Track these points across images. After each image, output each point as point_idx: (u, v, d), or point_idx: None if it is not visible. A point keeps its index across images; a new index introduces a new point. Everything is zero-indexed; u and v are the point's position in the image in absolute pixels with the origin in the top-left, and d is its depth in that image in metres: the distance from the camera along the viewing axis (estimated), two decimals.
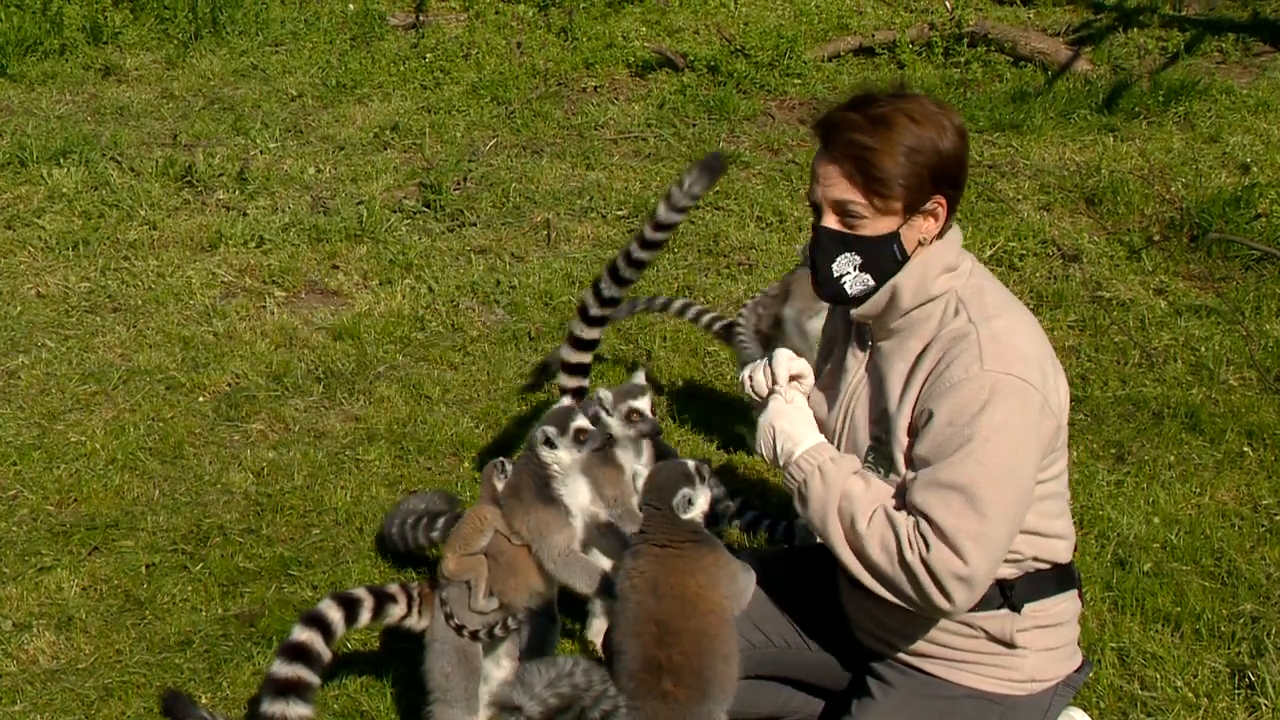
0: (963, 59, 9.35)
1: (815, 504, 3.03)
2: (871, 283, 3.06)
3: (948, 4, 9.90)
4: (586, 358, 4.49)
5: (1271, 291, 6.08)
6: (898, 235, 3.02)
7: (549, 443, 3.53)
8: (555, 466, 3.55)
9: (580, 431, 3.56)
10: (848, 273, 3.06)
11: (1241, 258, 6.41)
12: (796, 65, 9.28)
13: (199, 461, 5.22)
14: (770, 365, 3.29)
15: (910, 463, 3.00)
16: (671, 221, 4.16)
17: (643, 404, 3.89)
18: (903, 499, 2.98)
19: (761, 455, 3.19)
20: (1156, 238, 6.70)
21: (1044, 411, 2.94)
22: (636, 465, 3.93)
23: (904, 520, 2.92)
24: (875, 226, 3.01)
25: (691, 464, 3.27)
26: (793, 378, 3.31)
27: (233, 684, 4.02)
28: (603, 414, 3.85)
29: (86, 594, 4.49)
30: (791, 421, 3.15)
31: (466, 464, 5.16)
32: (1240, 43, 9.50)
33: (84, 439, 5.34)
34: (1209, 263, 6.43)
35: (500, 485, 3.64)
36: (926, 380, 2.99)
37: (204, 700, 3.91)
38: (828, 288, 3.11)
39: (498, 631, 3.60)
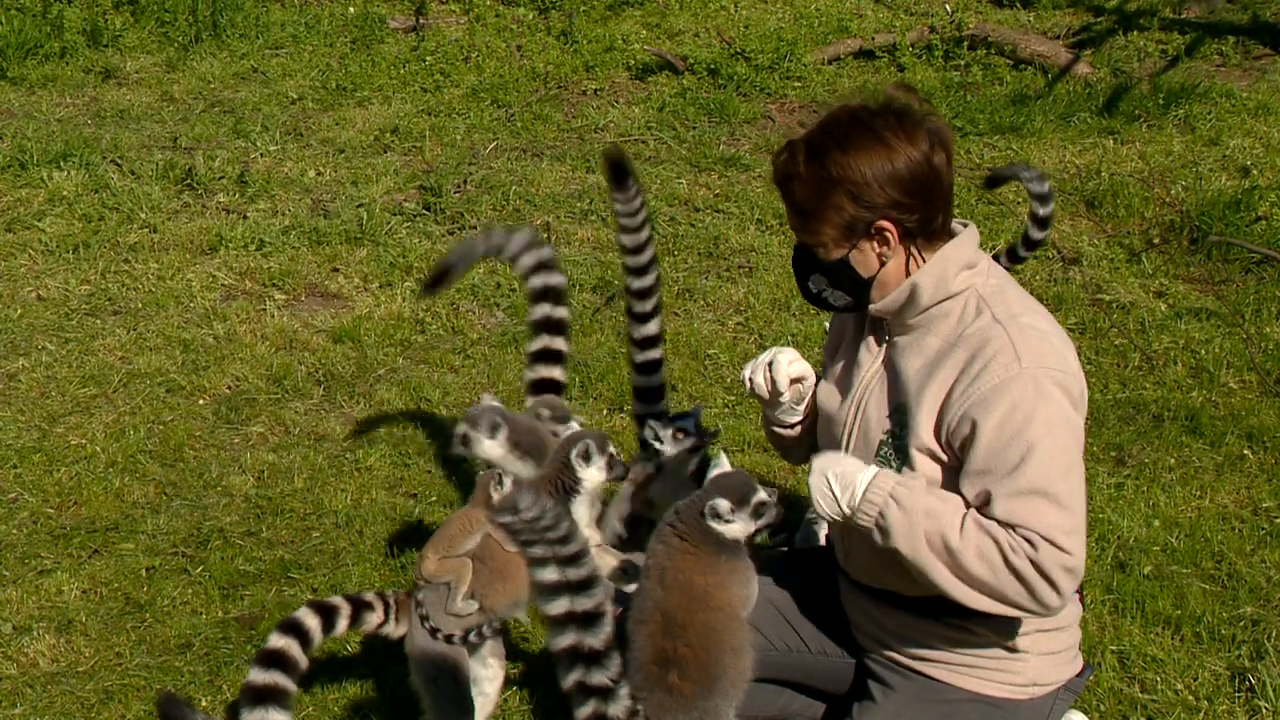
0: (963, 62, 9.36)
1: (898, 534, 2.93)
2: (848, 298, 3.13)
3: (948, 7, 9.91)
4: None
5: (1272, 294, 6.08)
6: (847, 260, 3.06)
7: (586, 457, 3.52)
8: (584, 484, 3.53)
9: (614, 459, 3.56)
10: (824, 289, 3.14)
11: (1241, 260, 6.42)
12: (796, 68, 9.29)
13: (199, 464, 5.22)
14: (770, 371, 3.30)
15: (967, 475, 2.96)
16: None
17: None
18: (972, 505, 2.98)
19: (824, 514, 3.05)
20: (1157, 240, 6.71)
21: (1080, 400, 2.97)
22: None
23: (994, 523, 2.89)
24: (827, 253, 3.08)
25: (761, 491, 3.18)
26: (793, 381, 3.32)
27: (233, 687, 4.01)
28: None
29: (87, 597, 4.48)
30: (841, 464, 3.04)
31: (466, 466, 5.16)
32: (1240, 46, 9.52)
33: (84, 442, 5.34)
34: (1209, 265, 6.43)
35: (496, 495, 3.62)
36: (957, 381, 2.98)
37: (204, 704, 3.91)
38: (813, 300, 3.20)
39: (473, 638, 3.55)
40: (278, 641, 3.34)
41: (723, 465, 3.60)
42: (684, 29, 10.40)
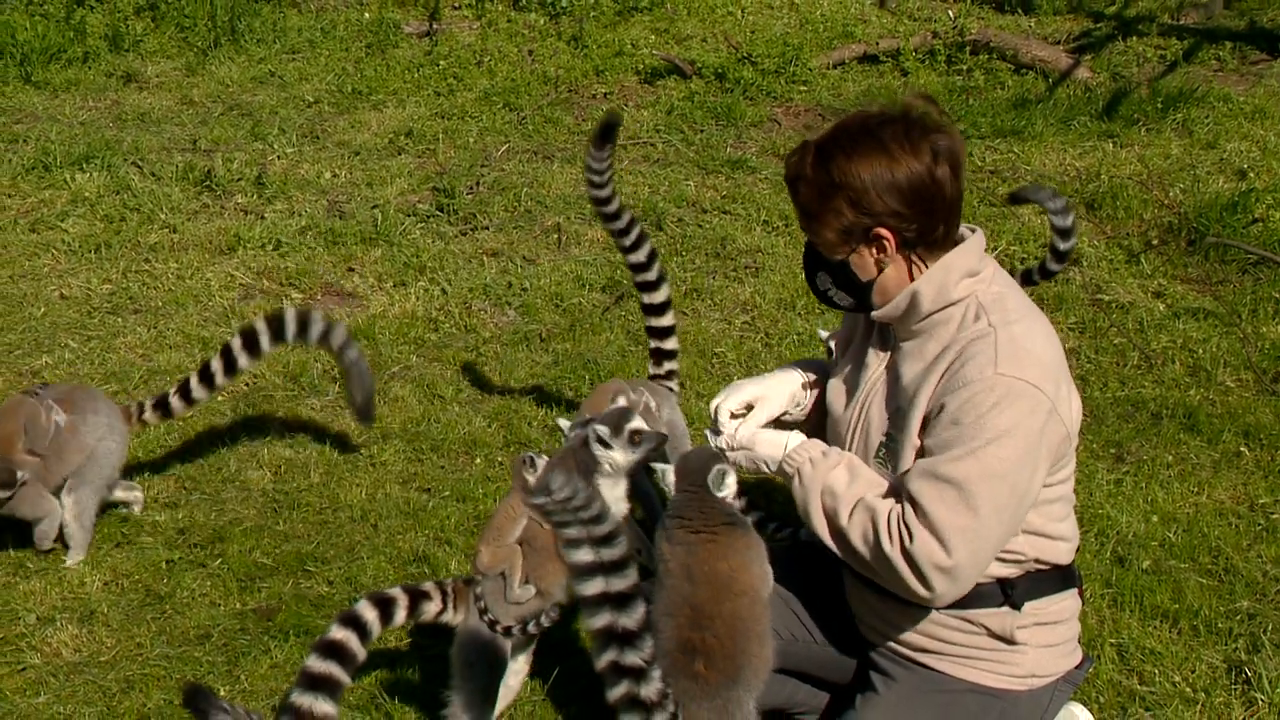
0: (965, 66, 9.35)
1: (799, 502, 3.12)
2: (850, 299, 3.15)
3: (950, 13, 9.90)
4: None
5: (1268, 294, 6.07)
6: (847, 263, 3.08)
7: (602, 441, 3.47)
8: (607, 465, 3.48)
9: (636, 433, 3.47)
10: (829, 287, 3.17)
11: (1238, 261, 6.40)
12: (802, 73, 9.28)
13: (218, 460, 5.23)
14: (715, 406, 3.39)
15: (919, 454, 3.00)
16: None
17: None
18: (897, 489, 3.02)
19: (714, 444, 3.30)
20: (1155, 242, 6.69)
21: (1052, 418, 2.93)
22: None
23: (886, 511, 2.95)
24: (830, 253, 3.10)
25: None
26: (740, 413, 3.38)
27: (250, 677, 4.02)
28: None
29: (108, 589, 4.49)
30: (762, 441, 3.24)
31: (479, 462, 5.16)
32: (1237, 51, 9.50)
33: None
34: (1207, 266, 6.42)
35: (530, 478, 3.61)
36: (942, 378, 2.99)
37: (223, 693, 3.92)
38: (821, 297, 3.22)
39: (531, 628, 3.56)
40: (337, 633, 3.34)
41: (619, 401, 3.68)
42: (692, 34, 10.39)
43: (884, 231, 3.00)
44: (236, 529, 4.77)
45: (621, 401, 3.68)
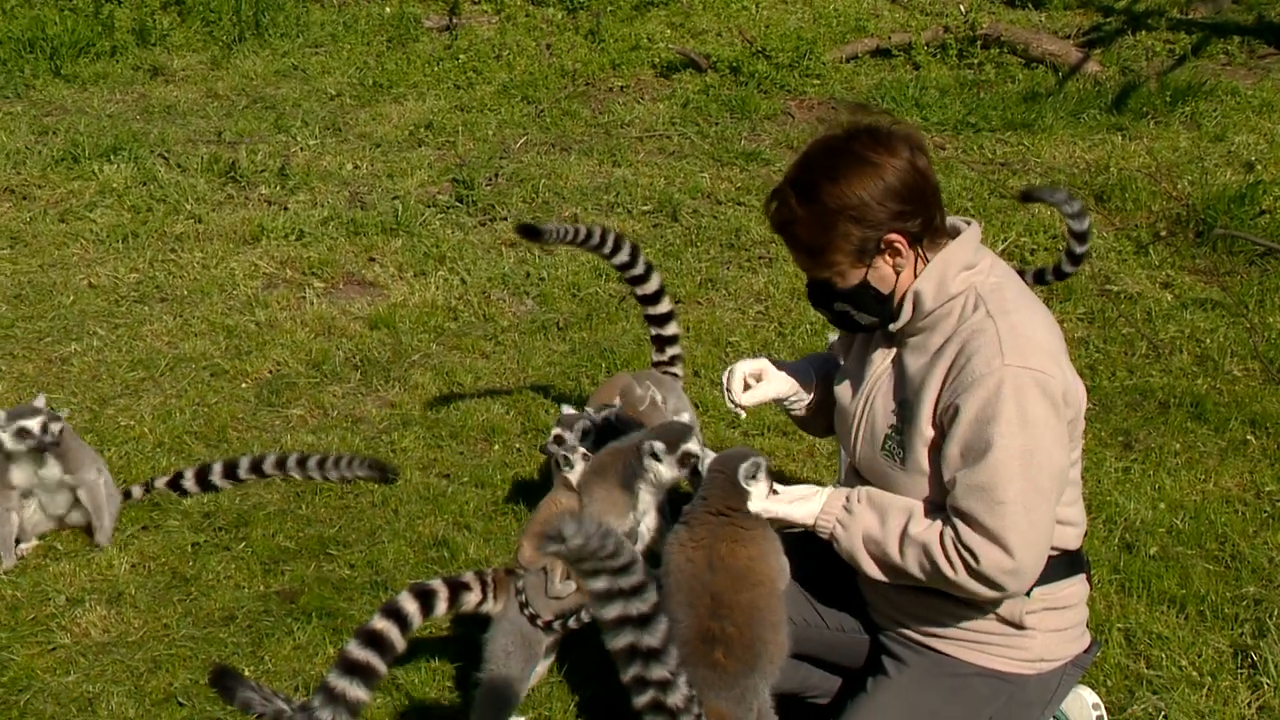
0: (976, 60, 9.31)
1: (845, 557, 3.12)
2: (872, 316, 3.12)
3: (962, 7, 9.86)
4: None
5: (1274, 285, 6.04)
6: (867, 282, 3.05)
7: (655, 456, 3.51)
8: (652, 476, 3.53)
9: (688, 455, 3.53)
10: (848, 311, 3.13)
11: (1245, 253, 6.38)
12: (815, 66, 9.25)
13: (242, 445, 5.24)
14: (727, 380, 3.42)
15: (944, 459, 2.97)
16: None
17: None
18: (930, 504, 3.02)
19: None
20: (1163, 233, 6.66)
21: (1065, 399, 2.94)
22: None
23: (936, 539, 2.95)
24: (844, 280, 3.07)
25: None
26: (749, 384, 3.43)
27: (274, 657, 4.03)
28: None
29: (135, 571, 4.51)
30: (796, 510, 3.17)
31: (497, 448, 5.16)
32: (1245, 45, 9.44)
33: (133, 423, 5.37)
34: (1214, 258, 6.39)
35: (566, 474, 3.61)
36: (948, 374, 2.98)
37: (247, 672, 3.93)
38: (839, 323, 3.20)
39: (571, 623, 3.55)
40: (379, 623, 3.35)
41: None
42: (707, 28, 10.37)
43: (894, 236, 2.99)
44: (260, 513, 4.78)
45: (617, 402, 3.68)
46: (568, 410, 4.15)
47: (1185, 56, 9.22)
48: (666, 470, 3.56)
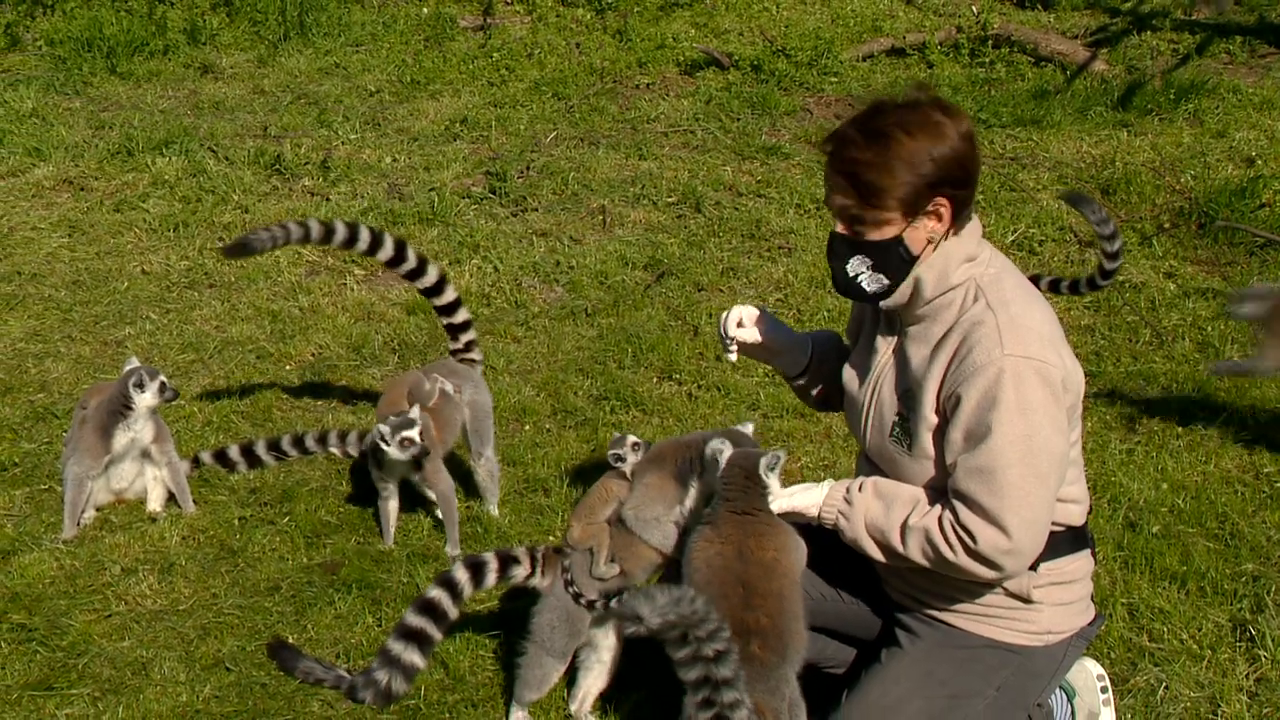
0: (987, 59, 9.25)
1: (850, 544, 3.11)
2: (886, 281, 3.04)
3: (974, 8, 9.79)
4: None
5: (1274, 276, 6.01)
6: (901, 239, 2.99)
7: (715, 463, 3.42)
8: (704, 483, 3.45)
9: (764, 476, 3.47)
10: (862, 272, 3.05)
11: (1246, 244, 6.33)
12: (833, 65, 9.21)
13: (286, 424, 5.25)
14: (721, 323, 3.45)
15: (947, 444, 2.96)
16: None
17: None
18: (932, 489, 3.01)
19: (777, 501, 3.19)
20: (1167, 225, 6.61)
21: (1064, 386, 2.91)
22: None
23: (935, 524, 2.93)
24: (880, 232, 2.99)
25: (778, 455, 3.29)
26: (740, 325, 3.45)
27: (316, 626, 4.05)
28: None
29: (186, 543, 4.53)
30: (800, 500, 3.15)
31: (528, 428, 5.16)
32: (1247, 45, 9.36)
33: (183, 403, 5.38)
34: (1216, 249, 6.35)
35: (629, 457, 3.57)
36: (950, 364, 2.97)
37: (291, 639, 3.94)
38: (845, 287, 3.10)
39: (614, 604, 3.50)
40: (433, 592, 3.36)
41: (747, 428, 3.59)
42: (730, 28, 10.33)
43: (943, 201, 2.96)
44: (303, 489, 4.79)
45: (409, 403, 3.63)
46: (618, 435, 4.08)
47: (1189, 56, 9.14)
48: (714, 480, 3.40)
